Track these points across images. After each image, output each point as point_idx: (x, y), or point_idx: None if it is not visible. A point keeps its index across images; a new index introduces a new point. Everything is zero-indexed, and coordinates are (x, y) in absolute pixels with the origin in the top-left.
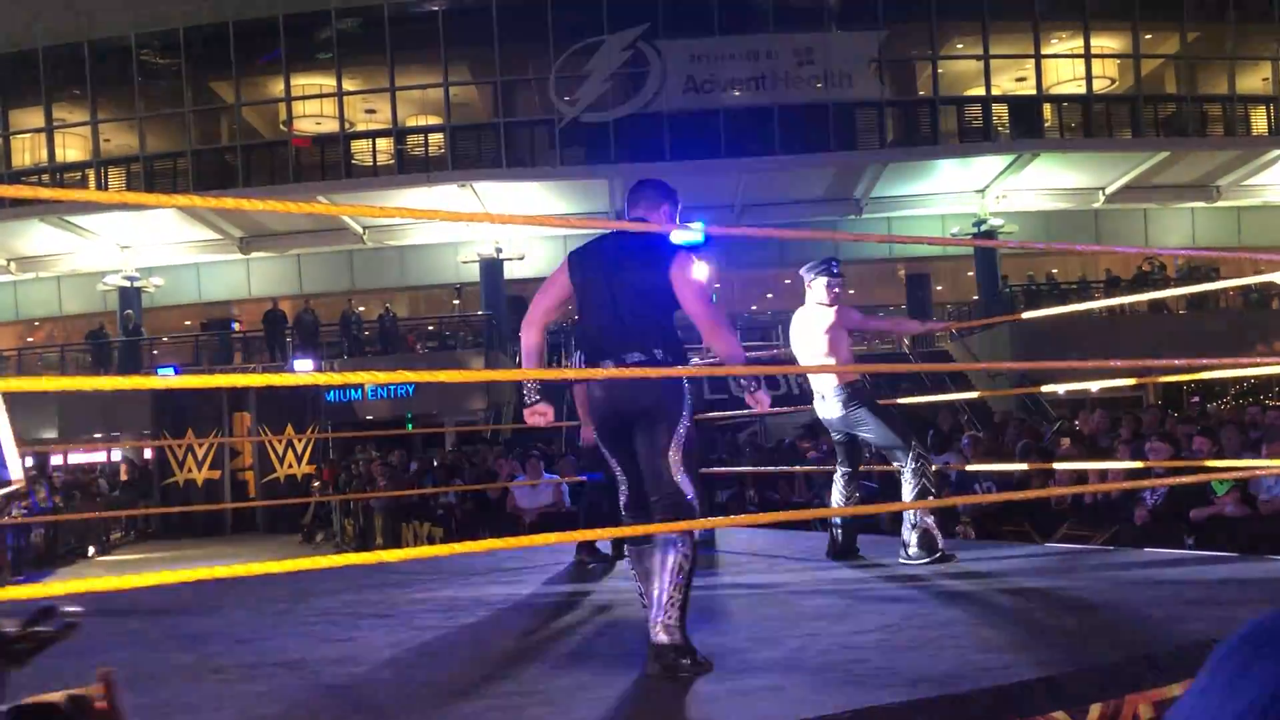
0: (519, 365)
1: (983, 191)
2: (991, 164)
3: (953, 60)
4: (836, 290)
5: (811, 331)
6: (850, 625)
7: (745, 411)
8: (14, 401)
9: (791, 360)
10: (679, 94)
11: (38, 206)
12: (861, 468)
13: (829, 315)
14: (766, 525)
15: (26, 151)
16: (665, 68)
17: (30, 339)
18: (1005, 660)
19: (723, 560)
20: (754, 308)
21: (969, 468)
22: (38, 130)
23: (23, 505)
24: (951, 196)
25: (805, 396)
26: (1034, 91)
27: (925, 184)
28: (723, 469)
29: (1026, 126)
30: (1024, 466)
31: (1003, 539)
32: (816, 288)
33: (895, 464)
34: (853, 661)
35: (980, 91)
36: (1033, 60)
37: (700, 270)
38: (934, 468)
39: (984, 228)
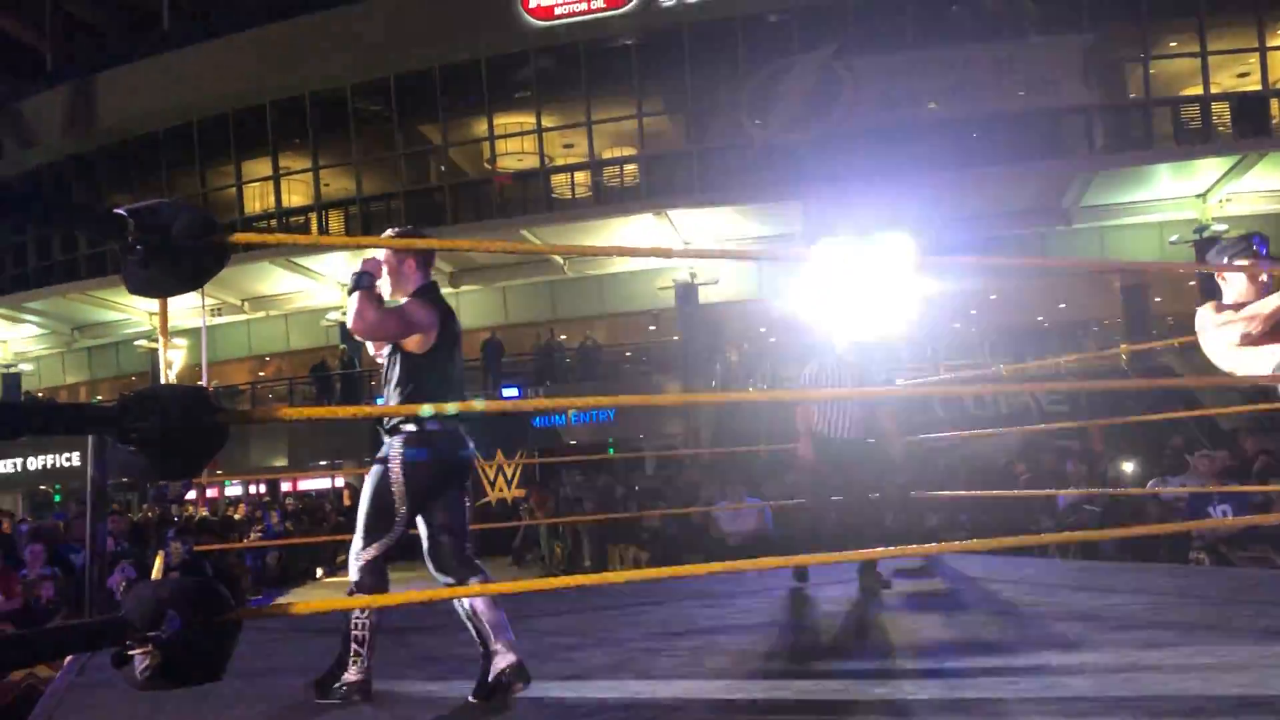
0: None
1: (1203, 196)
2: (1213, 167)
3: (1166, 60)
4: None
5: None
6: (1081, 656)
7: (956, 432)
8: (250, 432)
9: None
10: (873, 111)
11: (267, 250)
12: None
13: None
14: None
15: (257, 199)
16: (858, 85)
17: (261, 373)
18: (1261, 693)
19: (943, 586)
20: (956, 325)
21: (1204, 489)
22: (266, 179)
23: (258, 529)
24: (1170, 204)
25: (1015, 417)
26: (1259, 87)
27: (1140, 191)
28: (935, 492)
29: (1251, 125)
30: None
31: (1240, 566)
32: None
33: None
34: (1094, 692)
35: (1198, 91)
36: (1256, 54)
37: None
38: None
39: (1206, 234)
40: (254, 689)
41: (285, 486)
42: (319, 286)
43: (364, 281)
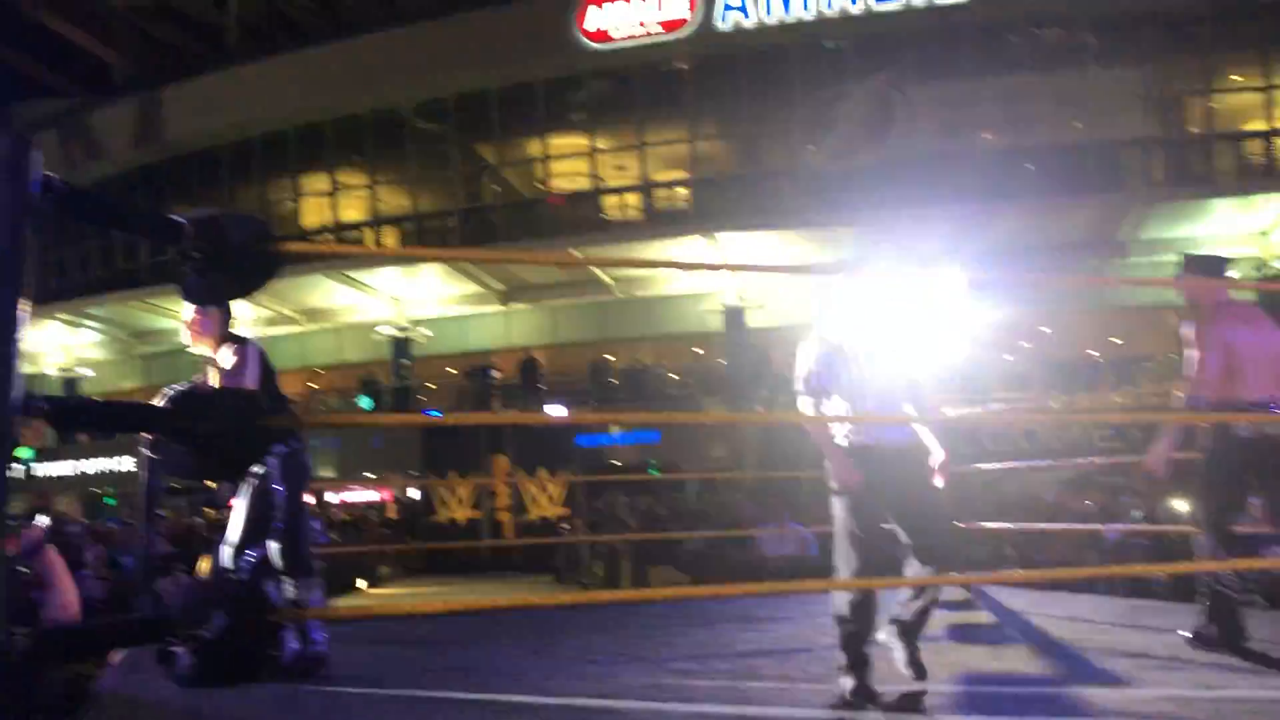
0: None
1: (1266, 233)
2: (1276, 203)
3: (1229, 93)
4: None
5: None
6: (1137, 692)
7: (1002, 465)
8: None
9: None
10: (928, 139)
11: (323, 263)
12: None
13: None
14: (1025, 585)
15: (314, 213)
16: (914, 113)
17: (314, 385)
18: None
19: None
20: (1007, 357)
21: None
22: (323, 194)
23: None
24: (1230, 239)
25: (1065, 452)
26: None
27: (1199, 226)
28: (980, 523)
29: None
30: None
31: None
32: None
33: None
34: None
35: (1261, 125)
36: None
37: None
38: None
39: (1268, 271)
40: (291, 692)
41: (332, 497)
42: (372, 300)
43: None
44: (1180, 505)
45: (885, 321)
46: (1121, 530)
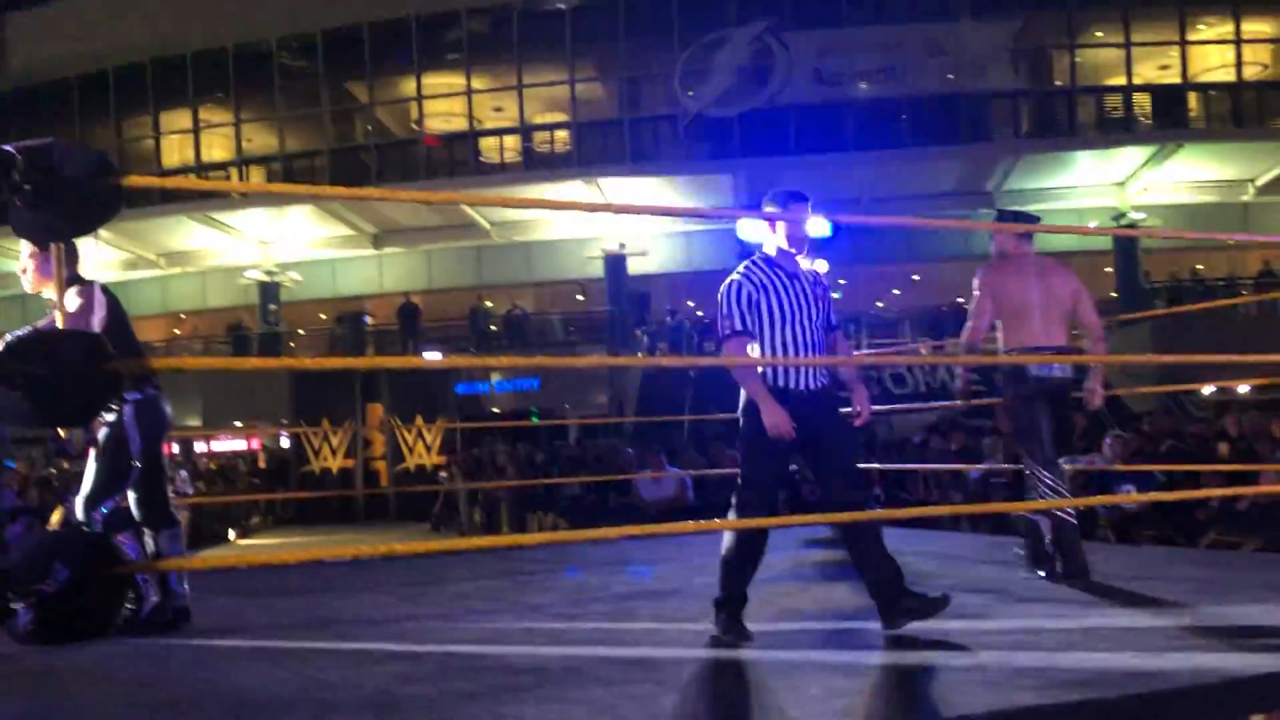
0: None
1: (1123, 184)
2: (1133, 156)
3: (1092, 49)
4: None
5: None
6: (985, 625)
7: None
8: (162, 390)
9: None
10: (806, 87)
11: (185, 204)
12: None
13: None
14: (891, 524)
15: (175, 152)
16: (792, 61)
17: (176, 331)
18: (1157, 666)
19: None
20: (880, 304)
21: (1115, 467)
22: (185, 131)
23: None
24: (1090, 190)
25: (933, 396)
26: (1179, 80)
27: (1062, 177)
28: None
29: (1170, 117)
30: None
31: (1144, 545)
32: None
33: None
34: (996, 662)
35: (1121, 81)
36: (1178, 47)
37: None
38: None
39: (1124, 222)
40: (153, 646)
41: (199, 447)
42: (237, 243)
43: None
44: None
45: (795, 263)
46: (983, 470)
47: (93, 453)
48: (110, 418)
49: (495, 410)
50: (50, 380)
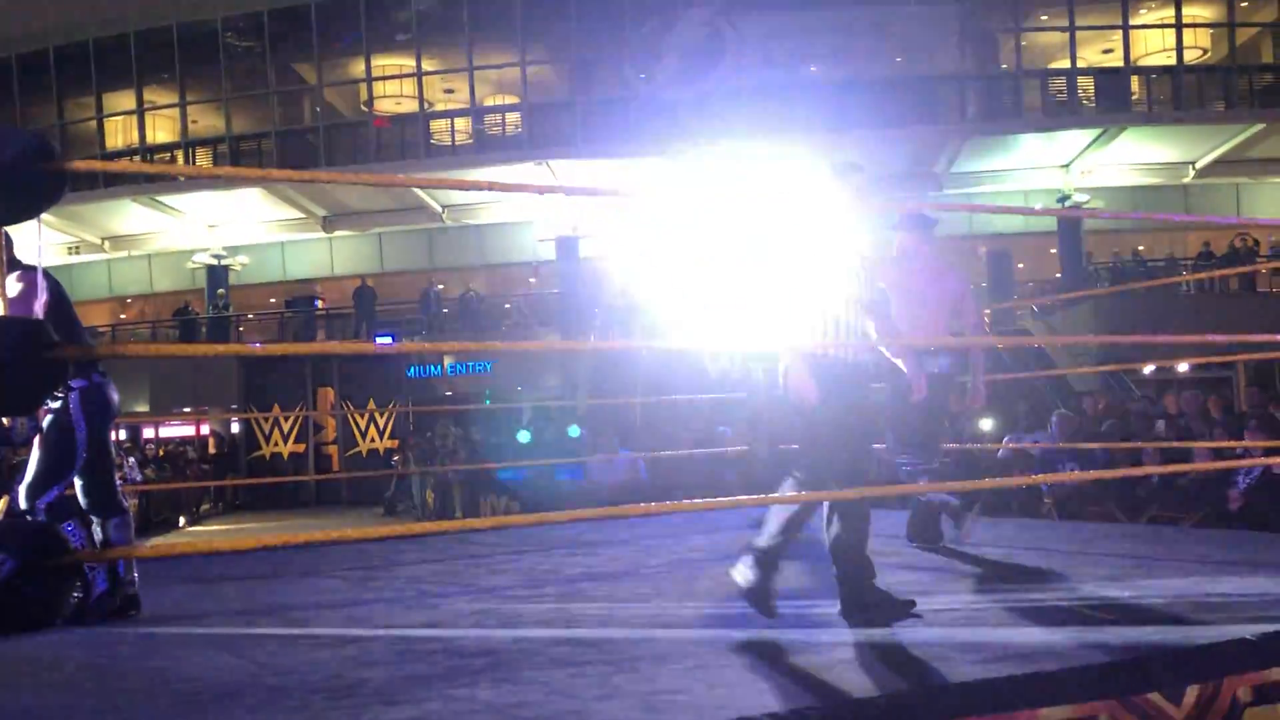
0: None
1: (1067, 167)
2: (1076, 138)
3: (1036, 32)
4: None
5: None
6: (928, 603)
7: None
8: (109, 376)
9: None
10: (756, 69)
11: (130, 187)
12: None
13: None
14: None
15: (119, 133)
16: (742, 43)
17: (123, 315)
18: (1098, 639)
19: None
20: None
21: (1060, 446)
22: (129, 113)
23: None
24: (1035, 172)
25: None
26: (1121, 63)
27: (1008, 159)
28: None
29: (1113, 100)
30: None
31: (1087, 520)
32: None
33: None
34: (934, 638)
35: (1065, 64)
36: (1120, 31)
37: None
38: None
39: (1068, 203)
40: (102, 634)
41: (147, 433)
42: (184, 226)
43: None
44: (984, 424)
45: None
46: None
47: (37, 441)
48: (55, 405)
49: (448, 393)
50: None
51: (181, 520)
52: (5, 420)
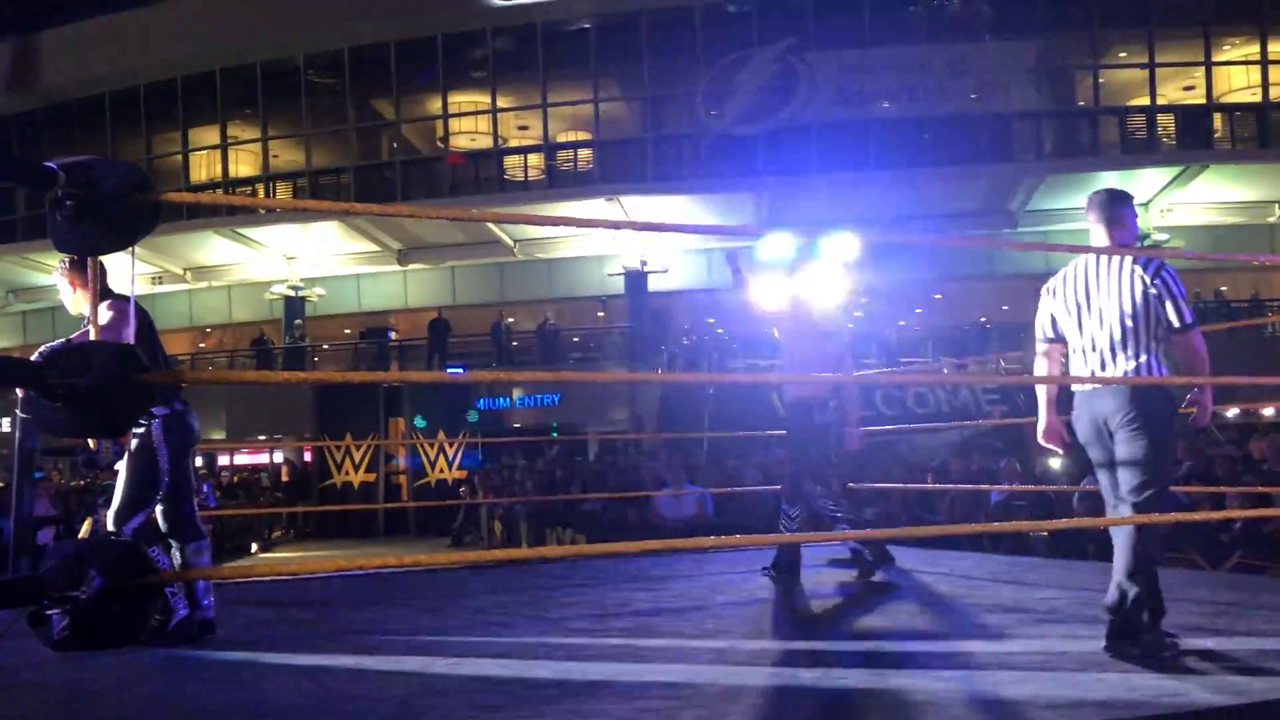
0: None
1: (1146, 205)
2: (1156, 177)
3: (1115, 69)
4: None
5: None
6: (1006, 646)
7: (897, 426)
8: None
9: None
10: (828, 106)
11: (212, 219)
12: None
13: None
14: (914, 544)
15: (203, 167)
16: (814, 80)
17: (202, 345)
18: (1178, 688)
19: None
20: (901, 323)
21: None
22: (213, 147)
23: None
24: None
25: (955, 416)
26: (1203, 101)
27: (1084, 197)
28: (873, 484)
29: (1194, 137)
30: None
31: (1168, 567)
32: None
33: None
34: (1017, 683)
35: (1145, 101)
36: (1202, 68)
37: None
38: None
39: (1147, 243)
40: (177, 658)
41: (222, 460)
42: (263, 258)
43: None
44: (1056, 465)
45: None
46: (1004, 490)
47: (122, 467)
48: (139, 431)
49: (516, 425)
50: (88, 391)
51: (254, 547)
52: (91, 444)
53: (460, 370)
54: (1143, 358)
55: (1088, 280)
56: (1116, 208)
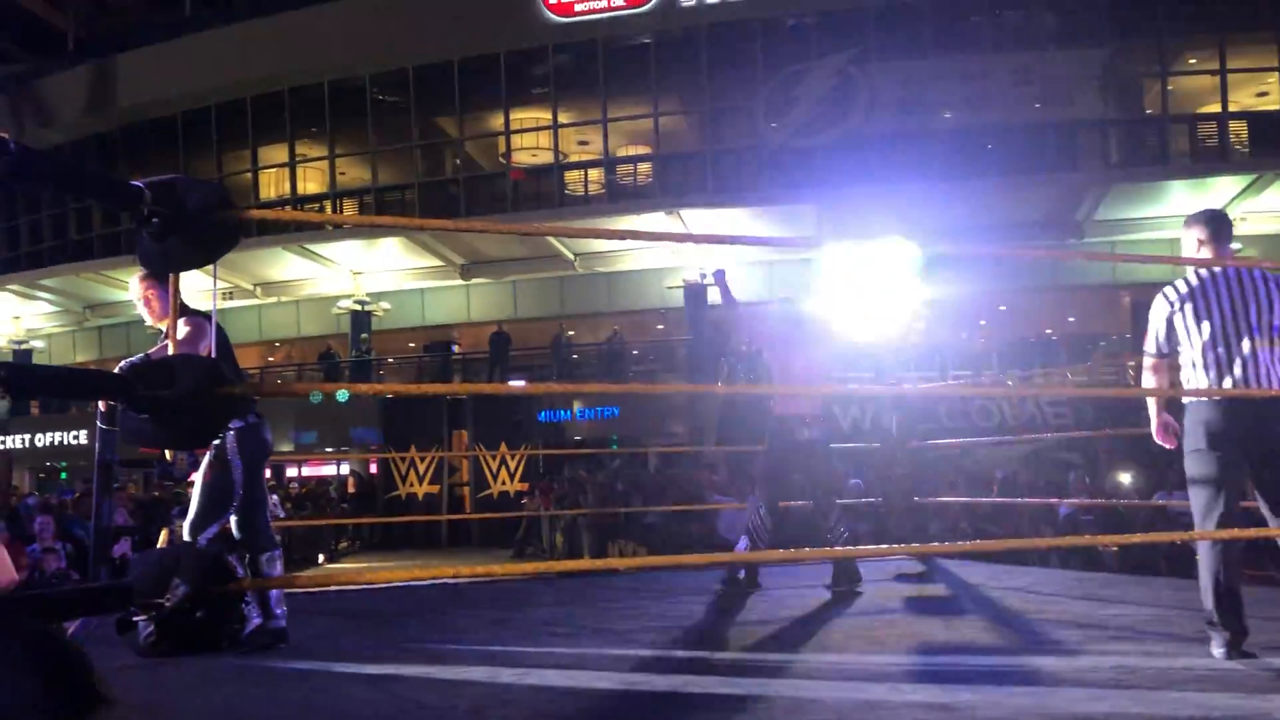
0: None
1: None
2: (1228, 185)
3: (1184, 76)
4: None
5: None
6: (1076, 662)
7: (959, 440)
8: None
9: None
10: (889, 117)
11: (281, 235)
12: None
13: None
14: (981, 558)
15: (272, 185)
16: (875, 91)
17: (270, 359)
18: (1255, 706)
19: (938, 591)
20: (964, 335)
21: None
22: (282, 165)
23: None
24: (1183, 220)
25: (1021, 429)
26: (1277, 107)
27: (1154, 207)
28: (938, 498)
29: (1268, 145)
30: None
31: (1244, 584)
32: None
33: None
34: (1089, 700)
35: (1216, 108)
36: (1276, 74)
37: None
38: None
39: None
40: (251, 667)
41: (290, 471)
42: (331, 273)
43: None
44: (1124, 479)
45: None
46: (1073, 504)
47: (197, 479)
48: (215, 443)
49: (577, 438)
50: (173, 403)
51: (320, 558)
52: (168, 456)
53: (521, 382)
54: None
55: (1219, 292)
56: (1225, 225)
